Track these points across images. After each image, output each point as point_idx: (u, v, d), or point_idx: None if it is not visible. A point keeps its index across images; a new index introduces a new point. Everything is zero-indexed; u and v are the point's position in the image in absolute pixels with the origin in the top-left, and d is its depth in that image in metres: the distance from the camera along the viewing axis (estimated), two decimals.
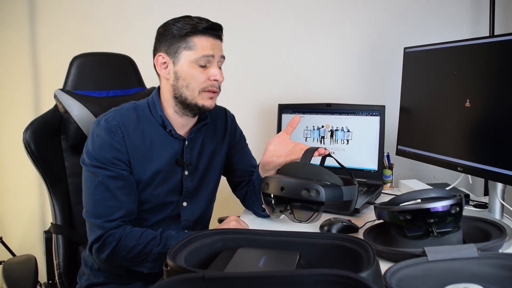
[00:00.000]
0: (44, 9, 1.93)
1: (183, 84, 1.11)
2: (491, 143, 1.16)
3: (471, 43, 1.25)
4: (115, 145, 1.08)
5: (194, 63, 1.09)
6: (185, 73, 1.10)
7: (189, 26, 1.08)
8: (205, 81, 1.11)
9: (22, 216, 2.06)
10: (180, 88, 1.12)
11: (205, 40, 1.09)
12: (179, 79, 1.11)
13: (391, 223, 0.92)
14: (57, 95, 1.35)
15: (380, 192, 1.48)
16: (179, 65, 1.10)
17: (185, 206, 1.20)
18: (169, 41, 1.10)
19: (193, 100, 1.12)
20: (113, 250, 1.06)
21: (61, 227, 1.33)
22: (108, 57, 1.48)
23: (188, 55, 1.09)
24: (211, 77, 1.10)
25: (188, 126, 1.19)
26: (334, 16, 1.95)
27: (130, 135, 1.11)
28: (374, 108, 1.53)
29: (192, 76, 1.10)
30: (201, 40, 1.09)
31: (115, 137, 1.09)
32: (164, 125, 1.15)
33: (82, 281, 1.22)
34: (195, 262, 0.73)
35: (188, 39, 1.09)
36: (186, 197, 1.20)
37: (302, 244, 0.77)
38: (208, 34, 1.10)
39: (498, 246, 0.88)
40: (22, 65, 1.96)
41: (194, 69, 1.10)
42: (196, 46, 1.09)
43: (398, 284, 0.72)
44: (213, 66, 1.11)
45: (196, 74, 1.10)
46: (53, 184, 1.33)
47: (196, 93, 1.11)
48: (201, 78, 1.10)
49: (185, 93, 1.11)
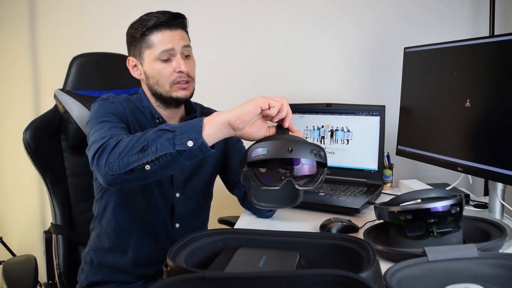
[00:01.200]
0: (43, 9, 1.93)
1: (153, 82, 1.14)
2: (491, 143, 1.16)
3: (471, 43, 1.25)
4: (118, 111, 1.11)
5: (157, 60, 1.11)
6: (151, 71, 1.13)
7: (144, 25, 1.10)
8: (172, 74, 1.12)
9: (22, 216, 2.06)
10: (152, 85, 1.15)
11: (161, 35, 1.10)
12: (149, 77, 1.14)
13: (391, 223, 0.92)
14: (57, 95, 1.35)
15: (380, 192, 1.48)
16: (145, 65, 1.14)
17: (178, 197, 1.20)
18: (133, 44, 1.15)
19: (167, 94, 1.14)
20: (110, 152, 0.93)
21: (61, 227, 1.33)
22: (108, 57, 1.48)
23: (149, 54, 1.11)
24: (175, 69, 1.11)
25: (175, 118, 1.22)
26: (334, 17, 1.95)
27: (129, 112, 1.14)
28: (374, 108, 1.53)
29: (158, 72, 1.12)
30: (157, 36, 1.10)
31: (119, 107, 1.13)
32: (152, 115, 1.18)
33: (81, 279, 1.22)
34: (195, 262, 0.73)
35: (146, 38, 1.11)
36: (178, 188, 1.20)
37: (302, 244, 0.77)
38: (164, 28, 1.10)
39: (498, 246, 0.88)
40: (22, 65, 1.96)
41: (158, 65, 1.11)
42: (154, 43, 1.10)
43: (398, 284, 0.72)
44: (176, 58, 1.11)
45: (161, 69, 1.11)
46: (53, 184, 1.33)
47: (167, 87, 1.13)
48: (166, 73, 1.11)
49: (158, 89, 1.14)
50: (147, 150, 0.89)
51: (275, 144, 0.88)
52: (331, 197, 1.36)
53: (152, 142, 0.89)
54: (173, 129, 0.90)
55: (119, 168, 0.90)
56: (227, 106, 1.36)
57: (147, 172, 0.90)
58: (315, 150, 0.88)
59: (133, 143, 0.91)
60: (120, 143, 0.93)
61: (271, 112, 0.91)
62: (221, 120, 0.90)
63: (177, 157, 0.88)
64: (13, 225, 2.07)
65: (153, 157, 0.88)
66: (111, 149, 0.92)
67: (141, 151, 0.89)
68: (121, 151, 0.91)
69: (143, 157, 0.89)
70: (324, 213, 1.25)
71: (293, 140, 0.89)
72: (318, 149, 0.88)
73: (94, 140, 0.99)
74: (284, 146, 0.87)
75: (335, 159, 1.58)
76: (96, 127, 1.03)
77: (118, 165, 0.90)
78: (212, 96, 1.28)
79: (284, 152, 0.87)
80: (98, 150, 0.94)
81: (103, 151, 0.93)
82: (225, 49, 1.95)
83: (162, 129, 0.91)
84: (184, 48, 1.13)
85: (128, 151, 0.90)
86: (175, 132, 0.89)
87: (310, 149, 0.88)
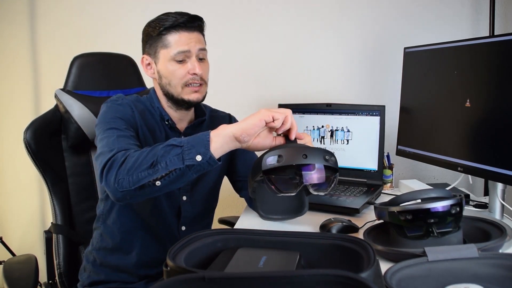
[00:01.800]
0: (44, 9, 1.93)
1: (166, 82, 1.14)
2: (491, 143, 1.16)
3: (471, 43, 1.25)
4: (126, 115, 1.11)
5: (172, 60, 1.11)
6: (165, 71, 1.13)
7: (161, 25, 1.10)
8: (185, 76, 1.11)
9: (22, 216, 2.06)
10: (165, 86, 1.14)
11: (179, 35, 1.10)
12: (162, 77, 1.14)
13: (391, 223, 0.92)
14: (57, 95, 1.35)
15: (380, 192, 1.48)
16: (159, 64, 1.13)
17: (185, 200, 1.20)
18: (148, 42, 1.14)
19: (179, 96, 1.13)
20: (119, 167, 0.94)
21: (61, 227, 1.33)
22: (109, 57, 1.48)
23: (165, 54, 1.11)
24: (189, 71, 1.11)
25: (185, 121, 1.21)
26: (334, 17, 1.95)
27: (139, 116, 1.14)
28: (374, 108, 1.53)
29: (171, 73, 1.12)
30: (174, 36, 1.10)
31: (127, 110, 1.13)
32: (162, 116, 1.17)
33: (83, 278, 1.22)
34: (195, 262, 0.73)
35: (163, 38, 1.11)
36: (185, 191, 1.20)
37: (302, 244, 0.77)
38: (182, 29, 1.10)
39: (498, 246, 0.88)
40: (22, 65, 1.96)
41: (173, 66, 1.11)
42: (170, 44, 1.10)
43: (398, 284, 0.72)
44: (191, 60, 1.11)
45: (175, 70, 1.11)
46: (54, 184, 1.33)
47: (179, 89, 1.13)
48: (180, 74, 1.11)
49: (170, 90, 1.14)
50: (156, 166, 0.90)
51: (289, 151, 0.91)
52: (331, 197, 1.36)
53: (161, 158, 0.91)
54: (181, 143, 0.92)
55: (129, 184, 0.91)
56: (227, 106, 1.37)
57: (156, 188, 0.92)
58: (327, 156, 0.92)
59: (142, 158, 0.92)
60: (128, 159, 0.93)
61: (275, 125, 0.95)
62: (228, 134, 0.93)
63: (186, 171, 0.91)
64: (13, 225, 2.07)
65: (163, 173, 0.90)
66: (119, 165, 0.93)
67: (151, 167, 0.91)
68: (130, 167, 0.92)
69: (153, 173, 0.90)
70: (324, 213, 1.25)
71: (306, 147, 0.94)
72: (330, 155, 0.93)
73: (102, 151, 1.00)
74: (299, 153, 0.90)
75: None
76: (104, 134, 1.04)
77: (128, 181, 0.91)
78: (212, 96, 1.28)
79: (298, 158, 0.90)
80: (106, 164, 0.95)
81: (111, 167, 0.94)
82: (225, 49, 1.95)
83: (170, 144, 0.93)
84: (200, 51, 1.13)
85: (137, 167, 0.91)
86: (183, 147, 0.91)
87: (323, 155, 0.92)
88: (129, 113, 1.13)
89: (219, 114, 1.32)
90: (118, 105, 1.13)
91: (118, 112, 1.10)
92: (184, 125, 1.21)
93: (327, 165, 0.93)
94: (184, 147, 0.91)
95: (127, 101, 1.15)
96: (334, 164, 0.94)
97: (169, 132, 1.19)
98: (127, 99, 1.16)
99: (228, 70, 1.97)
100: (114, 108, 1.12)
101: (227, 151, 0.95)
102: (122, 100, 1.15)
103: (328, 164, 0.93)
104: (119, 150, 0.97)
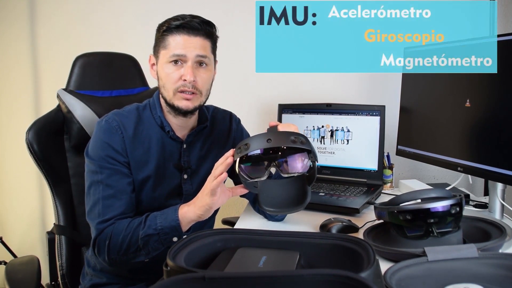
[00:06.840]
0: (45, 9, 1.93)
1: (161, 84, 1.11)
2: (491, 143, 1.16)
3: (471, 43, 1.25)
4: (113, 145, 1.09)
5: (168, 63, 1.07)
6: (162, 73, 1.09)
7: (165, 25, 1.08)
8: (177, 80, 1.07)
9: (23, 217, 2.06)
10: (161, 88, 1.12)
11: (178, 38, 1.06)
12: (159, 79, 1.12)
13: (391, 223, 0.93)
14: (60, 95, 1.35)
15: (380, 192, 1.48)
16: (159, 65, 1.10)
17: None
18: (155, 42, 1.12)
19: (170, 101, 1.09)
20: (108, 249, 1.03)
21: (64, 227, 1.33)
22: (111, 57, 1.48)
23: (163, 55, 1.08)
24: (182, 77, 1.06)
25: (186, 128, 1.17)
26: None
27: (129, 137, 1.11)
28: (374, 108, 1.53)
29: (166, 76, 1.08)
30: (174, 38, 1.06)
31: (115, 137, 1.09)
32: (162, 126, 1.14)
33: (85, 282, 1.22)
34: (195, 262, 0.73)
35: (164, 38, 1.08)
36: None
37: (302, 244, 0.77)
38: (183, 32, 1.06)
39: (498, 246, 0.88)
40: (23, 65, 1.96)
41: (169, 68, 1.07)
42: (170, 45, 1.07)
43: (398, 284, 0.73)
44: (185, 66, 1.06)
45: (169, 73, 1.07)
46: (56, 185, 1.33)
47: (171, 93, 1.08)
48: (173, 78, 1.07)
49: (164, 93, 1.10)
50: (141, 251, 1.04)
51: (254, 139, 0.94)
52: (331, 197, 1.36)
53: (143, 246, 1.03)
54: (156, 231, 1.03)
55: (121, 262, 1.06)
56: (227, 106, 1.37)
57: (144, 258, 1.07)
58: (294, 137, 0.93)
59: (127, 243, 1.03)
60: (113, 238, 1.03)
61: (222, 176, 0.98)
62: (192, 218, 1.04)
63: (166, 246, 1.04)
64: (13, 225, 2.07)
65: (148, 255, 1.05)
66: (107, 247, 1.04)
67: (137, 251, 1.04)
68: (119, 249, 1.03)
69: (140, 255, 1.05)
70: (324, 213, 1.25)
71: (272, 132, 0.97)
72: (299, 136, 0.93)
73: (90, 217, 1.09)
74: (263, 138, 0.93)
75: (335, 159, 1.58)
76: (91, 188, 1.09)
77: (120, 260, 1.05)
78: (212, 96, 1.28)
79: (263, 143, 0.93)
80: (94, 243, 1.06)
81: (100, 248, 1.05)
82: (225, 49, 1.95)
83: (147, 234, 1.02)
84: (199, 58, 1.07)
85: (125, 250, 1.03)
86: (160, 235, 1.03)
87: (288, 137, 0.93)
88: (118, 140, 1.09)
89: (220, 115, 1.28)
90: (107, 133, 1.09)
91: (104, 148, 1.08)
92: (185, 132, 1.17)
93: (294, 146, 0.92)
94: (161, 234, 1.03)
95: (116, 123, 1.10)
96: (303, 145, 0.93)
97: (169, 141, 1.15)
98: (118, 118, 1.11)
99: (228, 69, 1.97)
100: (101, 137, 1.09)
101: None
102: (112, 122, 1.10)
103: (295, 146, 0.92)
104: (103, 228, 1.05)
